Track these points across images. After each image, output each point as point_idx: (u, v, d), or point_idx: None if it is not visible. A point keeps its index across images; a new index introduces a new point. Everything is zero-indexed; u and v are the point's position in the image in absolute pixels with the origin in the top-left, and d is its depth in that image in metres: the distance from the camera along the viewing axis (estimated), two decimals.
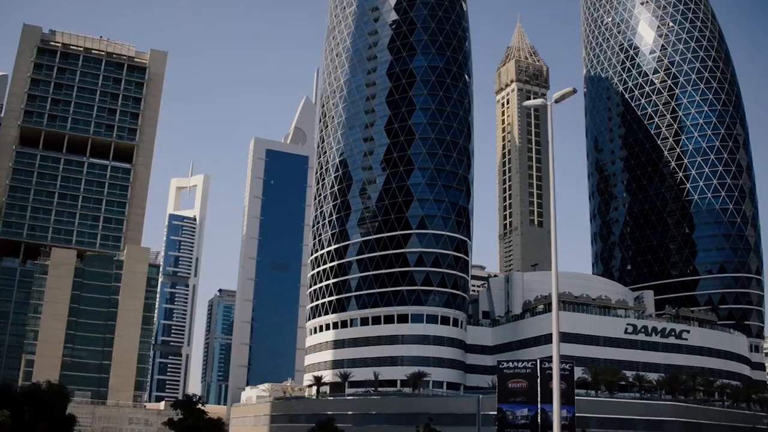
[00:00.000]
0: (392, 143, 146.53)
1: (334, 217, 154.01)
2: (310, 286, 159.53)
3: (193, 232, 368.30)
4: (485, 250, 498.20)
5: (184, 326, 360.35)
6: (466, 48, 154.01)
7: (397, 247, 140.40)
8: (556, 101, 33.05)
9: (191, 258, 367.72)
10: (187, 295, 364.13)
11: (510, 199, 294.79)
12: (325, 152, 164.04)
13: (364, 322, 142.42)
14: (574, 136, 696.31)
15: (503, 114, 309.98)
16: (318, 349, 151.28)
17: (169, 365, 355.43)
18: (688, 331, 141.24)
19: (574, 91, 32.90)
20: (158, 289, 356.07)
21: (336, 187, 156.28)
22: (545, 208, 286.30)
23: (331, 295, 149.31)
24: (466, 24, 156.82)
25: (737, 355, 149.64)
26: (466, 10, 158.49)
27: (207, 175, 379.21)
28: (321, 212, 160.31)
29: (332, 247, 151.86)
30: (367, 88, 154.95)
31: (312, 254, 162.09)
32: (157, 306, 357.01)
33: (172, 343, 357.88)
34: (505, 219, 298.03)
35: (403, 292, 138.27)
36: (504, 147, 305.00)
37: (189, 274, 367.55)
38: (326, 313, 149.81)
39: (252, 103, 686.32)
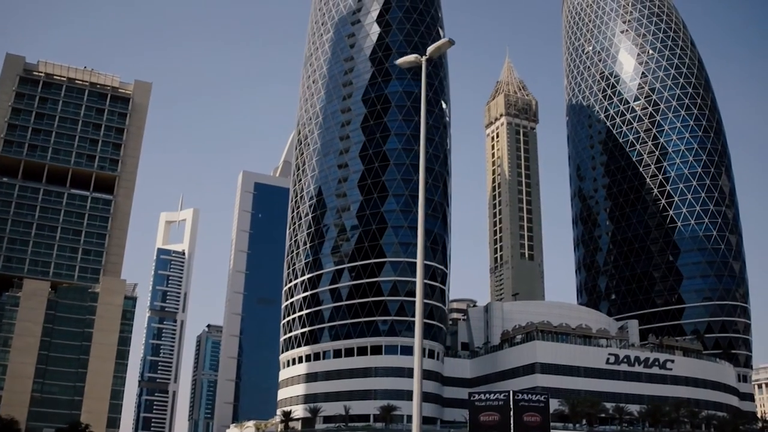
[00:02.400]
0: (366, 169, 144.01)
1: (308, 245, 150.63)
2: (283, 318, 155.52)
3: (182, 266, 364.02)
4: (477, 285, 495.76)
5: (171, 362, 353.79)
6: (443, 74, 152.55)
7: (370, 276, 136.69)
8: (431, 55, 30.96)
9: (179, 293, 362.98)
10: (174, 330, 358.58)
11: (500, 232, 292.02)
12: (300, 179, 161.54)
13: (337, 354, 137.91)
14: (558, 166, 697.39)
15: (493, 148, 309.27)
16: (290, 383, 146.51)
17: (155, 402, 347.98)
18: (672, 361, 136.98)
19: (451, 42, 30.75)
20: (144, 325, 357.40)
21: (310, 215, 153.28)
22: (536, 241, 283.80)
23: (303, 326, 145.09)
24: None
25: (724, 386, 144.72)
26: (443, 36, 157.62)
27: (196, 209, 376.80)
28: (295, 241, 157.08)
29: (305, 277, 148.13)
30: (342, 114, 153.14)
31: (285, 284, 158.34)
32: (143, 342, 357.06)
33: (158, 380, 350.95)
34: (495, 252, 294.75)
35: (376, 323, 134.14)
36: (494, 180, 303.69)
37: (177, 309, 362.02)
38: (299, 346, 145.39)
39: (243, 136, 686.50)
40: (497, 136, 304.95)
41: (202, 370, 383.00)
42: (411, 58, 31.70)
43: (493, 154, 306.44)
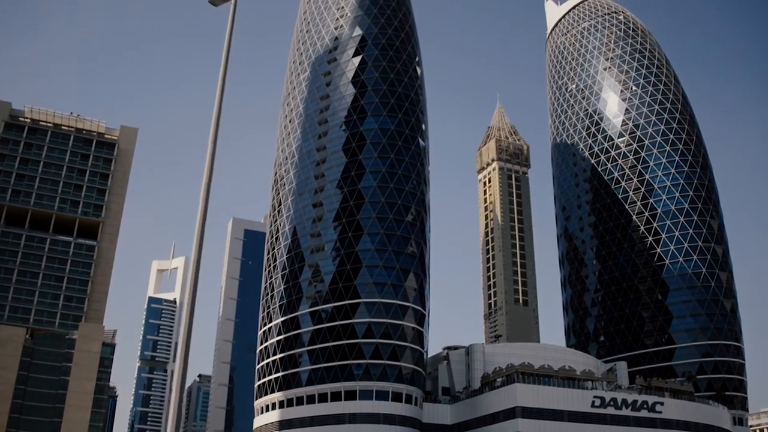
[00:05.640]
0: (341, 208, 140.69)
1: (282, 287, 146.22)
2: (258, 363, 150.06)
3: (173, 315, 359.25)
4: (472, 332, 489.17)
5: (161, 414, 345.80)
6: (420, 111, 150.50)
7: (344, 318, 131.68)
8: None
9: (170, 342, 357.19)
10: (165, 381, 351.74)
11: (494, 278, 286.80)
12: (276, 220, 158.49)
13: (311, 400, 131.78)
14: (552, 210, 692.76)
15: (485, 193, 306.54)
16: (264, 431, 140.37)
17: None
18: (662, 403, 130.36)
19: None
20: (135, 375, 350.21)
21: (285, 256, 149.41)
22: (530, 286, 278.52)
23: (277, 371, 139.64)
24: (420, 87, 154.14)
25: (719, 429, 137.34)
26: (420, 74, 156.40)
27: (188, 258, 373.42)
28: (270, 283, 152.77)
29: (279, 320, 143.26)
30: (318, 153, 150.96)
31: (260, 328, 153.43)
32: (133, 392, 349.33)
33: (148, 431, 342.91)
34: (489, 298, 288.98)
35: (350, 367, 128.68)
36: (487, 226, 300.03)
37: (168, 359, 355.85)
38: (272, 392, 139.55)
39: (234, 183, 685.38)
40: (489, 182, 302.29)
41: (193, 421, 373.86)
42: None
43: (485, 200, 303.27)
